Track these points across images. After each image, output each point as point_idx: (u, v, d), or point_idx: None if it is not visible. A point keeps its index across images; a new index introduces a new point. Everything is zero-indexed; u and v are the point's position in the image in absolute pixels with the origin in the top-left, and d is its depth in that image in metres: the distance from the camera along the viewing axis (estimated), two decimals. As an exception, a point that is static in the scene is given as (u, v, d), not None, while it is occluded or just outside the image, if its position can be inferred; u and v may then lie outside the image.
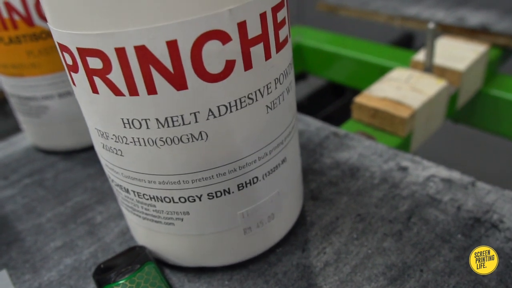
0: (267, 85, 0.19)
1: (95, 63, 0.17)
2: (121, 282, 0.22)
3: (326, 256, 0.24)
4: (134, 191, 0.21)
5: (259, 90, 0.19)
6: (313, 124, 0.36)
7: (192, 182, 0.20)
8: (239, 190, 0.21)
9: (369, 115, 0.38)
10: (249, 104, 0.19)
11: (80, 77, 0.18)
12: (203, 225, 0.21)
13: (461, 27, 0.51)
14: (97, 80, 0.18)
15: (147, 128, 0.18)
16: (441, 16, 0.54)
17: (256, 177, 0.21)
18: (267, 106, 0.20)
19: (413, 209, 0.27)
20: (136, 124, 0.18)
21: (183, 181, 0.20)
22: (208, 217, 0.21)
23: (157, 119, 0.18)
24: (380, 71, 0.53)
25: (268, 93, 0.19)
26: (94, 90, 0.18)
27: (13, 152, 0.39)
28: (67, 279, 0.25)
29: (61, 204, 0.32)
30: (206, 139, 0.19)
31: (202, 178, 0.20)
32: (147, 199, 0.21)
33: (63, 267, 0.26)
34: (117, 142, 0.19)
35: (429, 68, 0.42)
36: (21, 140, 0.41)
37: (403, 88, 0.39)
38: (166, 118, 0.18)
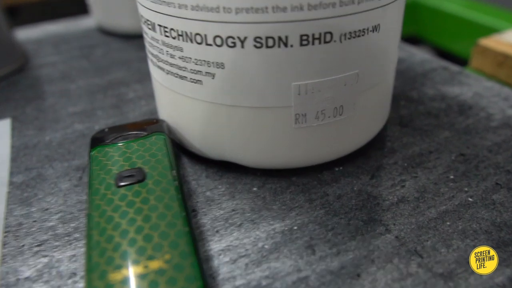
0: None
1: None
2: (117, 145, 0.16)
3: (404, 190, 0.17)
4: (160, 26, 0.15)
5: None
6: (418, 55, 0.28)
7: (236, 13, 0.13)
8: (301, 45, 0.14)
9: (495, 63, 0.29)
10: None
11: None
12: (239, 91, 0.15)
13: None
14: None
15: None
16: None
17: (330, 33, 0.14)
18: None
19: (544, 168, 0.18)
20: None
21: (224, 8, 0.13)
22: (248, 79, 0.15)
23: None
24: None
25: None
26: None
27: (76, 30, 0.36)
28: (69, 143, 0.20)
29: (98, 76, 0.27)
30: None
31: (251, 8, 0.13)
32: (174, 37, 0.15)
33: (71, 131, 0.21)
34: None
35: None
36: (88, 21, 0.38)
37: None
38: None
